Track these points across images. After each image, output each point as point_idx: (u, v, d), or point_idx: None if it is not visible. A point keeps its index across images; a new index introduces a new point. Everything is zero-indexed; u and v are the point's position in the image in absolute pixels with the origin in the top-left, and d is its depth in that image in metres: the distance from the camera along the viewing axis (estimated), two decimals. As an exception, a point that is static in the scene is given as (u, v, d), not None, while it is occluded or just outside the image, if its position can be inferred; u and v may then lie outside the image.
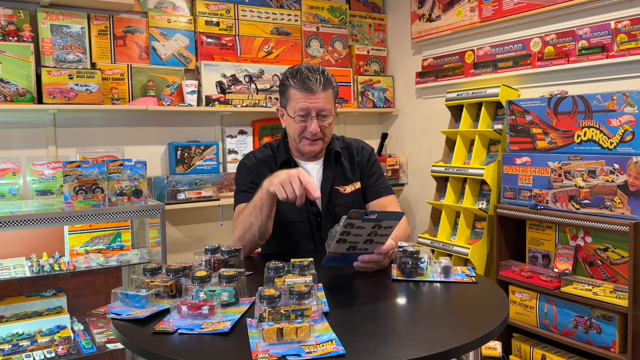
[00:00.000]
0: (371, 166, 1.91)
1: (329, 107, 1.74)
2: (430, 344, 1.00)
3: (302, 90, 1.70)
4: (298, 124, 1.74)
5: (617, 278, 2.25)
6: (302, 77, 1.70)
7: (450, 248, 2.86)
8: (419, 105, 3.56)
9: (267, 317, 1.01)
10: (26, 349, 2.31)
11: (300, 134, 1.76)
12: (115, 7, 2.78)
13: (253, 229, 1.64)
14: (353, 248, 1.39)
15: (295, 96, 1.72)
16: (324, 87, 1.71)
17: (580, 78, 2.58)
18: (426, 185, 3.44)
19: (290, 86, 1.73)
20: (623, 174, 2.13)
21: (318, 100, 1.70)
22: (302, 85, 1.70)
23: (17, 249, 2.53)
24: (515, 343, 2.60)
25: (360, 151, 1.92)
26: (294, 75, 1.73)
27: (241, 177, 1.85)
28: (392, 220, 1.35)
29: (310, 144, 1.77)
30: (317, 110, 1.71)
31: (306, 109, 1.71)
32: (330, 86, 1.74)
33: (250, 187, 1.80)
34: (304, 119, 1.73)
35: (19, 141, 2.65)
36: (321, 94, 1.71)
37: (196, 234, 3.14)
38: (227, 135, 3.17)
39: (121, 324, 1.13)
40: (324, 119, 1.74)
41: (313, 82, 1.70)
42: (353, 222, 1.30)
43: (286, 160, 1.84)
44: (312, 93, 1.70)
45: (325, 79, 1.72)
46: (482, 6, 2.98)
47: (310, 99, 1.70)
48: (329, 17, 3.54)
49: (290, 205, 1.78)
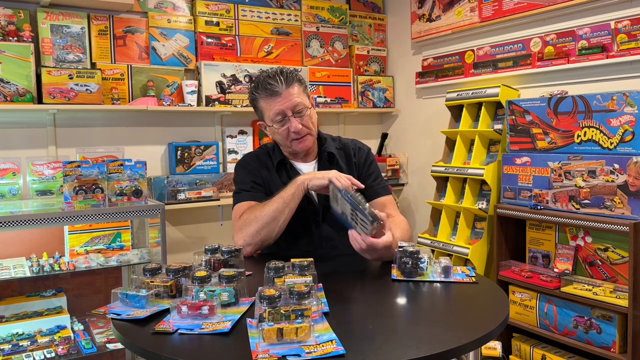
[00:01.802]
0: (369, 166, 1.91)
1: (301, 101, 1.74)
2: (430, 344, 1.00)
3: (268, 96, 1.73)
4: (281, 129, 1.75)
5: (617, 278, 2.25)
6: (262, 85, 1.73)
7: (450, 248, 2.86)
8: (419, 105, 3.56)
9: (267, 317, 1.01)
10: (26, 349, 2.31)
11: (286, 137, 1.77)
12: (115, 7, 2.78)
13: (275, 223, 1.65)
14: (345, 215, 1.46)
15: (265, 105, 1.75)
16: (287, 84, 1.73)
17: (580, 78, 2.58)
18: (426, 185, 3.44)
19: (258, 98, 1.76)
20: (623, 174, 2.13)
21: (287, 99, 1.72)
22: (266, 92, 1.72)
23: (17, 249, 2.53)
24: (515, 343, 2.60)
25: (357, 152, 1.92)
26: (256, 87, 1.77)
27: (241, 176, 1.86)
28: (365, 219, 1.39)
29: (300, 142, 1.78)
30: (291, 109, 1.73)
31: (280, 112, 1.72)
32: (294, 81, 1.75)
33: (252, 186, 1.81)
34: (282, 122, 1.74)
35: (19, 141, 2.66)
36: (287, 92, 1.72)
37: (196, 234, 3.14)
38: (227, 135, 3.17)
39: (121, 324, 1.13)
40: (301, 114, 1.75)
41: (274, 84, 1.71)
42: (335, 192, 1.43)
43: (281, 161, 1.85)
44: (278, 95, 1.71)
45: (285, 76, 1.73)
46: (482, 6, 2.98)
47: (278, 101, 1.72)
48: (329, 17, 3.54)
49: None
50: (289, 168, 1.84)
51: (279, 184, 1.80)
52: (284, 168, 1.85)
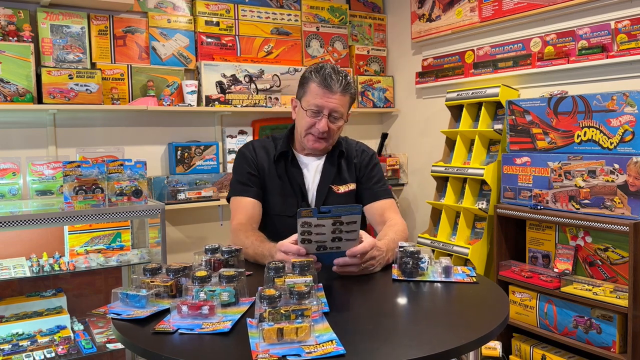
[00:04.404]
0: (371, 169, 1.91)
1: (342, 110, 1.76)
2: (431, 344, 1.00)
3: (321, 86, 1.73)
4: (308, 118, 1.76)
5: (617, 278, 2.25)
6: (324, 74, 1.73)
7: (450, 248, 2.86)
8: (419, 105, 3.56)
9: (268, 317, 1.01)
10: (26, 349, 2.31)
11: (307, 128, 1.77)
12: (115, 7, 2.78)
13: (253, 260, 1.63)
14: (323, 248, 1.35)
15: (313, 91, 1.74)
16: (343, 90, 1.74)
17: (580, 78, 2.58)
18: (426, 185, 3.44)
19: (311, 80, 1.75)
20: (623, 174, 2.13)
21: (334, 100, 1.73)
22: (323, 82, 1.72)
23: (17, 249, 2.53)
24: (515, 343, 2.60)
25: (360, 154, 1.93)
26: (317, 71, 1.76)
27: (239, 167, 1.87)
28: (352, 214, 1.30)
29: (314, 141, 1.79)
30: (330, 110, 1.74)
31: (320, 106, 1.73)
32: (349, 91, 1.76)
33: (248, 178, 1.82)
34: (315, 115, 1.75)
35: (19, 141, 2.65)
36: (338, 95, 1.73)
37: (196, 234, 3.14)
38: (227, 135, 3.17)
39: (121, 324, 1.13)
40: (335, 120, 1.76)
41: (334, 81, 1.72)
42: (308, 220, 1.28)
43: (283, 153, 1.85)
44: (330, 92, 1.72)
45: (347, 82, 1.75)
46: (482, 6, 2.98)
47: (326, 97, 1.72)
48: (329, 17, 3.54)
49: (280, 198, 1.81)
50: (290, 160, 1.84)
51: (274, 175, 1.82)
52: (284, 159, 1.85)
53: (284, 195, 1.82)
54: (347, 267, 1.41)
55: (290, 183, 1.83)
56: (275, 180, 1.83)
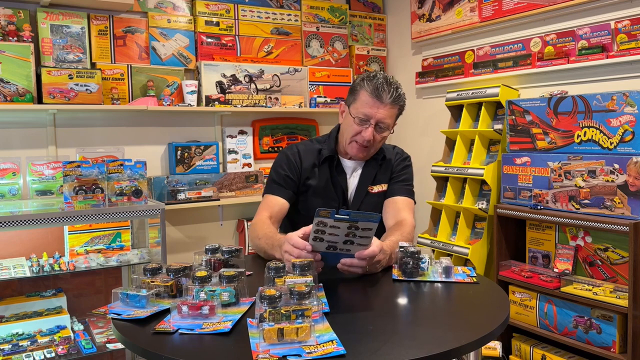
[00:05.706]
0: (402, 169, 1.93)
1: (389, 122, 1.78)
2: (431, 344, 1.00)
3: (372, 96, 1.74)
4: (355, 126, 1.77)
5: (617, 278, 2.25)
6: (376, 84, 1.74)
7: (450, 248, 2.86)
8: (419, 105, 3.56)
9: (268, 317, 1.01)
10: (26, 349, 2.31)
11: (353, 135, 1.79)
12: (115, 7, 2.78)
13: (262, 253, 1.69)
14: (333, 248, 1.36)
15: (363, 99, 1.76)
16: (393, 101, 1.75)
17: (580, 78, 2.58)
18: (426, 185, 3.44)
19: (363, 88, 1.77)
20: (623, 174, 2.14)
21: (382, 111, 1.74)
22: (374, 92, 1.73)
23: (17, 249, 2.53)
24: (515, 343, 2.60)
25: (397, 157, 1.95)
26: (370, 79, 1.77)
27: (279, 167, 1.88)
28: (369, 221, 1.30)
29: (358, 150, 1.81)
30: (378, 120, 1.75)
31: (368, 115, 1.74)
32: (399, 103, 1.78)
33: (284, 180, 1.84)
34: (362, 123, 1.76)
35: (19, 141, 2.65)
36: (388, 106, 1.74)
37: (196, 234, 3.14)
38: (227, 135, 3.17)
39: (121, 324, 1.13)
40: (381, 130, 1.78)
41: (385, 92, 1.73)
42: (324, 220, 1.29)
43: (329, 157, 1.87)
44: (380, 102, 1.73)
45: (397, 94, 1.76)
46: (482, 6, 2.98)
47: (376, 106, 1.74)
48: (329, 17, 3.54)
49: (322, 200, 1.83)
50: (335, 164, 1.87)
51: (319, 178, 1.84)
52: (329, 164, 1.87)
53: (327, 198, 1.85)
54: (352, 268, 1.42)
55: (334, 187, 1.86)
56: (319, 184, 1.85)
